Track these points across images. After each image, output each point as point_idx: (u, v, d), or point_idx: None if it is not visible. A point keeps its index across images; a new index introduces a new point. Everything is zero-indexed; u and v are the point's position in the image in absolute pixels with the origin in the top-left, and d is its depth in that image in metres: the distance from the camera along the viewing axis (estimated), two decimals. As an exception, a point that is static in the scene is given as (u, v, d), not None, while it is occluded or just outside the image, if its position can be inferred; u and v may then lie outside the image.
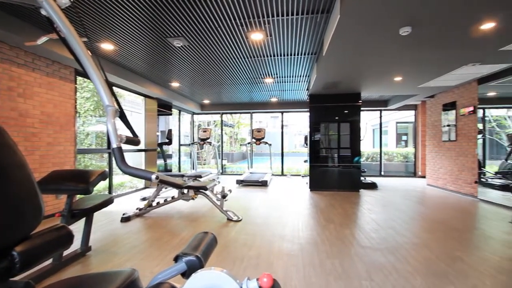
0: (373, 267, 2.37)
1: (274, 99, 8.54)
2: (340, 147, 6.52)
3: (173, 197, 4.17)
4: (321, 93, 6.35)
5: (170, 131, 7.69)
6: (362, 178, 6.63)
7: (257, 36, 3.63)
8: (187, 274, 0.75)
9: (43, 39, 1.38)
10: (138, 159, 6.86)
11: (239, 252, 2.69)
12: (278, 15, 3.09)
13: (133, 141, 1.08)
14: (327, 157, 6.57)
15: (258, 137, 8.66)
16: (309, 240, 3.05)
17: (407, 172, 9.20)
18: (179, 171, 8.85)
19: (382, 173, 9.19)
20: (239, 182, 7.25)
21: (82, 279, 0.91)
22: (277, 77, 5.87)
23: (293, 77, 5.84)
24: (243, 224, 3.66)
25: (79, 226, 2.63)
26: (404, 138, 12.35)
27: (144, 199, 5.06)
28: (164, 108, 7.32)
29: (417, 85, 5.59)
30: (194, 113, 10.00)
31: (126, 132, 1.16)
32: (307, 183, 6.87)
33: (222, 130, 10.34)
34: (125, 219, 3.76)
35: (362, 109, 6.52)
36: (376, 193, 6.05)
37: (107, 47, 4.00)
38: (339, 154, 6.52)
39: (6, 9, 2.95)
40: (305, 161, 8.41)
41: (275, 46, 4.05)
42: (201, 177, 5.82)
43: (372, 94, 7.17)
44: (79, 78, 4.60)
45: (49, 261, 2.26)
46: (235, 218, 3.84)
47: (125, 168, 0.86)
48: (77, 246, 2.59)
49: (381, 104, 8.66)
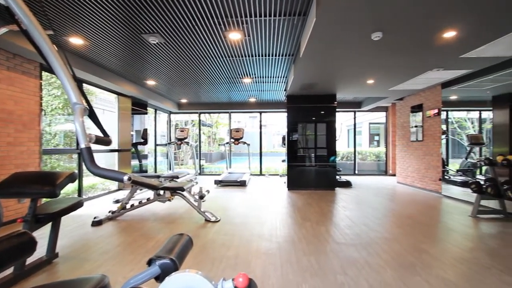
0: (347, 262, 2.46)
1: (252, 99, 8.56)
2: (316, 147, 6.69)
3: (148, 199, 4.04)
4: (299, 94, 6.48)
5: (145, 130, 7.44)
6: (337, 177, 6.85)
7: (235, 35, 3.62)
8: (161, 277, 0.73)
9: (3, 30, 1.28)
10: (111, 160, 6.56)
11: (217, 252, 2.67)
12: (256, 16, 3.11)
13: (103, 141, 1.04)
14: (304, 157, 6.72)
15: (236, 137, 8.64)
16: (287, 238, 3.10)
17: (379, 170, 9.65)
18: (155, 171, 8.58)
19: (356, 172, 9.56)
20: (218, 182, 7.19)
21: (46, 288, 0.85)
22: (256, 77, 5.89)
23: (271, 77, 5.89)
24: (222, 224, 3.63)
25: (45, 232, 2.46)
26: (376, 138, 12.94)
27: (117, 201, 4.85)
28: (139, 106, 7.07)
29: (388, 88, 5.89)
30: (171, 113, 9.75)
31: (97, 131, 1.10)
32: (285, 183, 6.97)
33: (200, 130, 10.20)
34: (97, 223, 3.58)
35: (337, 110, 6.74)
36: (350, 191, 6.28)
37: (76, 41, 3.79)
38: (316, 153, 6.68)
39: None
40: (283, 161, 8.53)
41: (253, 46, 4.06)
42: (178, 177, 5.70)
43: (346, 95, 7.43)
44: (46, 74, 4.30)
45: (10, 270, 2.10)
46: (213, 218, 3.80)
47: (94, 169, 0.82)
48: (42, 253, 2.43)
49: (355, 105, 9.01)
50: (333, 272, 2.27)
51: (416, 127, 6.60)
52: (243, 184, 7.05)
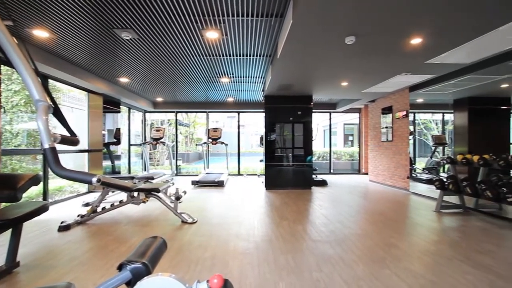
0: (323, 259, 2.53)
1: (230, 99, 8.52)
2: (294, 146, 6.81)
3: (121, 201, 3.87)
4: (276, 95, 6.55)
5: (118, 130, 7.12)
6: (314, 176, 7.03)
7: (212, 34, 3.58)
8: (132, 282, 0.70)
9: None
10: (80, 161, 6.20)
11: (194, 254, 2.62)
12: (233, 15, 3.10)
13: (70, 140, 0.98)
14: (281, 157, 6.81)
15: (214, 137, 8.55)
16: (264, 237, 3.12)
17: (353, 169, 10.04)
18: (129, 173, 8.25)
19: (331, 171, 9.86)
20: (195, 183, 7.07)
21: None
22: (233, 77, 5.87)
23: (249, 77, 5.90)
24: (199, 225, 3.57)
25: (4, 239, 2.27)
26: (350, 138, 13.44)
27: (87, 204, 4.60)
28: (111, 105, 6.75)
29: (361, 90, 6.14)
30: (146, 111, 9.43)
31: (63, 131, 1.04)
32: (262, 182, 7.02)
33: (176, 129, 9.95)
34: (64, 228, 3.37)
35: (313, 111, 6.91)
36: (326, 189, 6.47)
37: (40, 34, 3.53)
38: (293, 153, 6.81)
39: None
40: (261, 161, 8.59)
41: (231, 46, 4.05)
42: (153, 178, 5.53)
43: (322, 97, 7.64)
44: (5, 68, 3.96)
45: (-38, 283, 1.91)
46: (190, 220, 3.73)
47: (59, 170, 0.77)
48: (1, 262, 2.24)
49: (331, 106, 9.30)
50: (309, 269, 2.33)
51: (386, 128, 6.95)
52: (221, 184, 7.00)
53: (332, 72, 4.69)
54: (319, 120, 10.40)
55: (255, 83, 6.37)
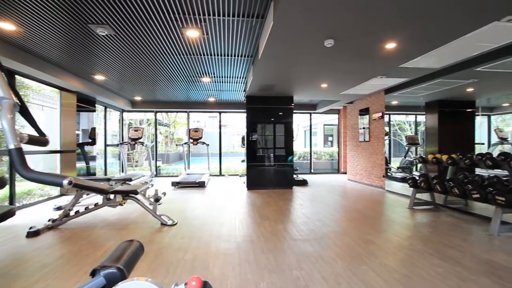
0: (303, 257, 2.58)
1: (212, 99, 8.44)
2: (275, 147, 6.88)
3: (96, 204, 3.71)
4: (258, 95, 6.58)
5: (93, 129, 6.82)
6: (294, 175, 7.13)
7: (193, 33, 3.53)
8: (106, 288, 0.68)
9: None
10: (51, 162, 5.87)
11: (173, 257, 2.57)
12: (214, 15, 3.07)
13: (38, 141, 0.93)
14: (263, 157, 6.85)
15: (195, 137, 8.43)
16: (246, 237, 3.12)
17: (332, 169, 10.30)
18: (105, 174, 7.93)
19: (312, 171, 10.06)
20: (175, 184, 6.93)
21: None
22: (215, 77, 5.82)
23: (230, 77, 5.88)
24: (179, 227, 3.51)
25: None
26: (330, 139, 13.78)
27: (59, 208, 4.36)
28: (86, 103, 6.45)
29: (340, 92, 6.32)
30: (123, 111, 9.10)
31: (31, 130, 0.98)
32: (244, 183, 7.02)
33: (156, 129, 9.70)
34: (33, 234, 3.17)
35: (294, 111, 7.02)
36: (306, 189, 6.59)
37: (5, 27, 3.30)
38: (274, 153, 6.87)
39: None
40: (243, 161, 8.58)
41: (212, 45, 4.01)
42: (131, 180, 5.35)
43: (303, 98, 7.77)
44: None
45: None
46: (169, 222, 3.66)
47: (26, 172, 0.73)
48: (-40, 272, 2.07)
49: (311, 107, 9.48)
50: (290, 267, 2.36)
51: (363, 128, 7.20)
52: (202, 185, 6.91)
53: (312, 73, 4.79)
54: (300, 120, 10.58)
55: (237, 83, 6.36)
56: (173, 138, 16.61)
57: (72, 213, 3.66)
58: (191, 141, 8.46)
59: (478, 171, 5.01)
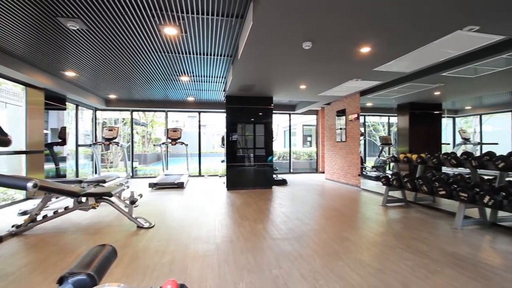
0: (282, 255, 2.61)
1: (191, 98, 8.30)
2: (255, 147, 6.90)
3: (66, 208, 3.51)
4: (237, 95, 6.57)
5: (63, 129, 6.45)
6: (274, 175, 7.20)
7: (171, 31, 3.45)
8: (75, 296, 0.65)
9: None
10: (15, 164, 5.46)
11: (150, 261, 2.50)
12: (193, 13, 3.03)
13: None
14: (243, 157, 6.84)
15: (174, 137, 8.25)
16: (225, 238, 3.11)
17: (311, 168, 10.52)
18: (77, 176, 7.52)
19: (291, 170, 10.21)
20: (153, 185, 6.73)
21: None
22: (194, 76, 5.73)
23: (210, 77, 5.81)
24: (156, 230, 3.41)
25: None
26: (309, 139, 14.07)
27: (24, 213, 4.07)
28: (55, 101, 6.08)
29: (318, 93, 6.47)
30: (97, 109, 8.69)
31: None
32: (224, 183, 6.98)
33: (132, 129, 9.37)
34: (-6, 241, 2.94)
35: (274, 112, 7.09)
36: (286, 188, 6.68)
37: (-38, 17, 3.03)
38: (254, 153, 6.89)
39: None
40: (222, 161, 8.53)
41: (192, 44, 3.94)
42: (105, 182, 5.12)
43: (282, 99, 7.87)
44: None
45: None
46: (146, 224, 3.55)
47: (-16, 176, 0.68)
48: None
49: (290, 108, 9.62)
50: (269, 266, 2.38)
51: (340, 129, 7.43)
52: (180, 186, 6.78)
53: (291, 75, 4.87)
54: (279, 121, 10.69)
55: (217, 82, 6.31)
56: (151, 138, 16.12)
57: (39, 218, 3.44)
58: (170, 141, 8.27)
59: (444, 169, 5.35)
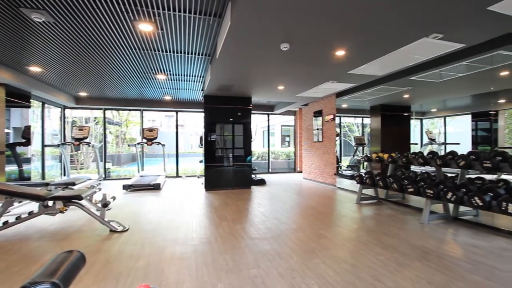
0: (260, 255, 2.63)
1: (168, 97, 8.09)
2: (234, 147, 6.88)
3: (31, 213, 3.27)
4: (216, 95, 6.51)
5: (28, 128, 6.02)
6: (253, 175, 7.22)
7: (146, 27, 3.34)
8: (38, 306, 0.61)
9: None
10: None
11: (124, 265, 2.40)
12: (169, 9, 2.95)
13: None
14: (222, 157, 6.79)
15: (149, 137, 7.99)
16: (203, 240, 3.07)
17: (289, 168, 10.69)
18: (43, 178, 7.05)
19: (270, 170, 10.30)
20: (127, 187, 6.48)
21: None
22: (171, 75, 5.59)
23: (188, 76, 5.70)
24: (130, 233, 3.29)
25: None
26: (287, 139, 14.28)
27: (-19, 219, 3.74)
28: (18, 98, 5.65)
29: (295, 94, 6.59)
30: (66, 107, 8.18)
31: None
32: (202, 183, 6.88)
33: (105, 128, 8.94)
34: None
35: (253, 112, 7.12)
36: (264, 188, 6.73)
37: None
38: (233, 154, 6.87)
39: None
40: (201, 162, 8.41)
41: (168, 41, 3.85)
42: (74, 184, 4.84)
43: (261, 99, 7.92)
44: None
45: None
46: (120, 228, 3.41)
47: None
48: None
49: (269, 108, 9.71)
50: (247, 267, 2.39)
51: (317, 129, 7.62)
52: (157, 187, 6.59)
53: (269, 75, 4.91)
54: (258, 121, 10.74)
55: (194, 81, 6.20)
56: (125, 138, 15.50)
57: (-1, 224, 3.18)
58: (145, 141, 8.01)
59: (413, 167, 5.68)
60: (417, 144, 6.44)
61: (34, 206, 3.84)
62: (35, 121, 6.99)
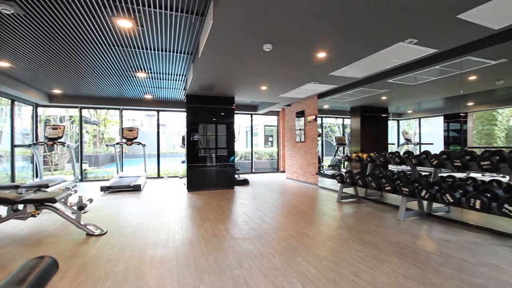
0: (243, 255, 2.63)
1: (148, 96, 7.88)
2: (217, 147, 6.82)
3: (-2, 217, 3.07)
4: (199, 94, 6.43)
5: (-6, 127, 5.63)
6: (236, 175, 7.21)
7: (125, 23, 3.24)
8: (5, 317, 0.57)
9: None
10: None
11: (102, 270, 2.31)
12: (150, 6, 2.88)
13: None
14: (204, 157, 6.72)
15: (129, 137, 7.75)
16: (185, 241, 3.02)
17: (272, 168, 10.76)
18: (13, 180, 6.63)
19: (253, 170, 10.32)
20: (105, 188, 6.24)
21: None
22: (152, 73, 5.45)
23: (169, 74, 5.59)
24: (109, 237, 3.17)
25: None
26: (270, 139, 14.37)
27: None
28: (-17, 95, 5.27)
29: (278, 94, 6.65)
30: (38, 105, 7.75)
31: None
32: (185, 184, 6.78)
33: (81, 128, 8.56)
34: None
35: (236, 112, 7.11)
36: (248, 188, 6.73)
37: None
38: (216, 154, 6.81)
39: None
40: (183, 162, 8.27)
41: (149, 39, 3.75)
42: (48, 186, 4.60)
43: (244, 99, 7.91)
44: None
45: None
46: (97, 231, 3.28)
47: None
48: None
49: (252, 108, 9.72)
50: (230, 267, 2.38)
51: (300, 130, 7.73)
52: (137, 188, 6.40)
53: (252, 76, 4.92)
54: (241, 121, 10.73)
55: (176, 80, 6.09)
56: (103, 138, 14.92)
57: (-38, 230, 2.95)
58: (125, 141, 7.75)
59: (390, 167, 5.90)
60: (394, 144, 6.70)
61: (2, 210, 3.61)
62: (3, 120, 6.57)
